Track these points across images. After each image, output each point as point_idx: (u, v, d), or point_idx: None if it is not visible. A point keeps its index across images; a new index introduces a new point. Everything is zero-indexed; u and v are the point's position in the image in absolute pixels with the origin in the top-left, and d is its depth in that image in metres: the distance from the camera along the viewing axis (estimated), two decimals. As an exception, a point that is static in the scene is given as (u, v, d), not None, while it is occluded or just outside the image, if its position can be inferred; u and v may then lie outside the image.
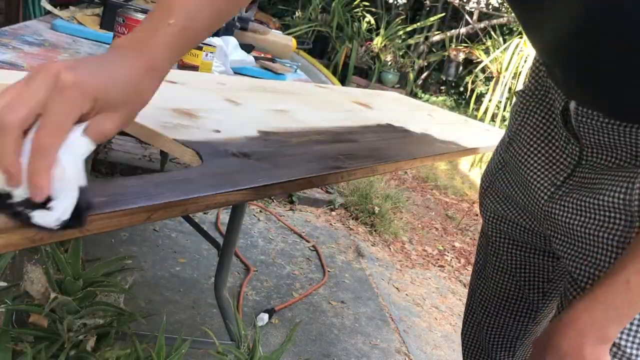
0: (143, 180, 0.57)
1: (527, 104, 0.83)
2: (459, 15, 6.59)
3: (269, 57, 1.87)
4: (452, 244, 3.26)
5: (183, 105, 0.92)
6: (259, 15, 4.47)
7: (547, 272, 0.91)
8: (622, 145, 0.68)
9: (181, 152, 0.72)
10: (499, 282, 0.96)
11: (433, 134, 1.35)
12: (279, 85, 1.45)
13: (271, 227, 2.69)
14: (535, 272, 0.92)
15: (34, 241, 0.42)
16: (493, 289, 0.98)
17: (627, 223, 0.67)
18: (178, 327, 1.74)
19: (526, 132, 0.82)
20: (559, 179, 0.77)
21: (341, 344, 1.95)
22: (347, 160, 0.90)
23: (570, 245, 0.75)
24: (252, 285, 2.13)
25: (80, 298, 0.76)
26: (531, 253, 0.91)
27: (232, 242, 1.64)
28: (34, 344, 0.76)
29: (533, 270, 0.92)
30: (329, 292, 2.27)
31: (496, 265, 0.96)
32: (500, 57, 5.23)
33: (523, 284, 0.94)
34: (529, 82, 0.84)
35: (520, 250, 0.92)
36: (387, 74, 6.12)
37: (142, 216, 0.51)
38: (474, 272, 1.02)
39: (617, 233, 0.68)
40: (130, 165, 2.71)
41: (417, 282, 2.65)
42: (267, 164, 0.75)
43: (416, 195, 3.92)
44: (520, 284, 0.94)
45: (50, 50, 1.18)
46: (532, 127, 0.82)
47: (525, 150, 0.82)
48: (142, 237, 2.20)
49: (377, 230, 3.03)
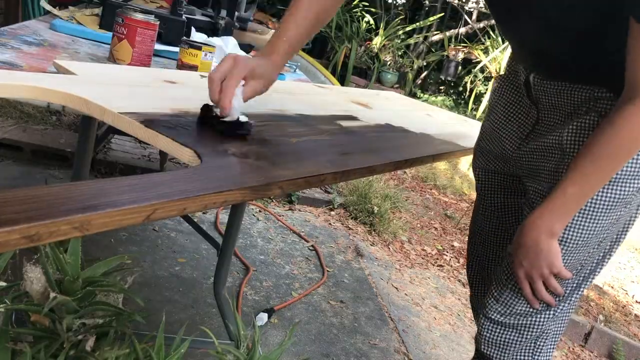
0: (142, 180, 0.57)
1: (502, 84, 1.17)
2: (458, 15, 6.59)
3: (268, 57, 1.87)
4: (451, 243, 3.26)
5: (183, 105, 0.92)
6: (257, 15, 4.46)
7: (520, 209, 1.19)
8: (562, 104, 1.01)
9: (180, 152, 0.73)
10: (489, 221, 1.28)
11: (432, 133, 1.35)
12: (278, 85, 1.45)
13: (270, 226, 2.69)
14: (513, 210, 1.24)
15: (32, 240, 0.42)
16: (486, 228, 1.29)
17: (559, 155, 1.01)
18: (177, 327, 1.74)
19: (500, 104, 1.16)
20: (523, 134, 1.11)
21: (340, 344, 1.96)
22: (346, 160, 0.90)
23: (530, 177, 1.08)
24: (252, 285, 2.13)
25: (79, 298, 0.76)
26: (508, 195, 1.23)
27: (231, 242, 1.64)
28: (33, 343, 0.76)
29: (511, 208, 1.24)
30: (328, 292, 2.27)
31: (485, 209, 1.28)
32: (499, 57, 5.24)
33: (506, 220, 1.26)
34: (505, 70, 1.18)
35: (501, 194, 1.24)
36: (386, 73, 6.12)
37: (141, 216, 0.51)
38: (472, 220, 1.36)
39: (554, 162, 1.02)
40: (129, 165, 2.70)
41: (416, 281, 2.65)
42: (266, 164, 0.75)
43: (415, 194, 3.92)
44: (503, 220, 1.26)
45: (49, 50, 1.18)
46: (504, 100, 1.16)
47: (499, 116, 1.16)
48: (142, 237, 2.20)
49: (376, 230, 3.03)
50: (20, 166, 2.49)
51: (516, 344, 1.11)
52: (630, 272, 3.71)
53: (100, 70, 1.07)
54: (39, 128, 2.77)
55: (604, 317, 2.87)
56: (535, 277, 1.03)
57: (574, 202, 0.95)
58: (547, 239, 0.98)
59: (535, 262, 1.01)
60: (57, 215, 0.45)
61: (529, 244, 1.00)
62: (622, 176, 0.97)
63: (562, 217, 0.97)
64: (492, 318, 1.11)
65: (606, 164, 0.92)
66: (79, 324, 0.77)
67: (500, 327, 1.10)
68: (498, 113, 1.17)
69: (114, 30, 1.23)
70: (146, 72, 1.15)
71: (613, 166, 0.92)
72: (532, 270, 1.02)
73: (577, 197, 0.95)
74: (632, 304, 3.20)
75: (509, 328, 1.09)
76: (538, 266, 1.01)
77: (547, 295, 1.04)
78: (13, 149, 2.54)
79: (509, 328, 1.09)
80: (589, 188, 0.94)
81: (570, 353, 2.49)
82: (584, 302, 2.98)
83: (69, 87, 0.83)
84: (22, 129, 2.69)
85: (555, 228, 0.98)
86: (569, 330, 2.60)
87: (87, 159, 1.46)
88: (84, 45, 1.35)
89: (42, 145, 2.57)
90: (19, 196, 0.47)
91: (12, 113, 2.82)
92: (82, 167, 1.46)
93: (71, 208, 0.47)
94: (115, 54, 1.24)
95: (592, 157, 0.92)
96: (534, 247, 0.99)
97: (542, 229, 0.98)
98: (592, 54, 0.94)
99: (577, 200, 0.96)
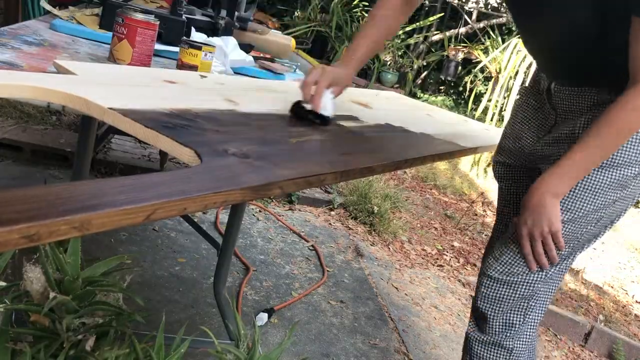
0: (142, 180, 0.57)
1: (526, 93, 1.37)
2: (458, 15, 6.59)
3: (268, 57, 1.87)
4: (451, 243, 3.26)
5: (183, 105, 0.92)
6: (258, 15, 4.46)
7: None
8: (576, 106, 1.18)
9: (180, 152, 0.73)
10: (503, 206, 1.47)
11: (432, 133, 1.35)
12: (278, 85, 1.45)
13: (270, 226, 2.69)
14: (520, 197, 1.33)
15: (32, 240, 0.42)
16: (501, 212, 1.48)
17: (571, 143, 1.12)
18: (177, 327, 1.74)
19: (522, 109, 1.35)
20: (541, 133, 1.29)
21: (340, 344, 1.96)
22: (346, 160, 0.90)
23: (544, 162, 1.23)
24: (252, 284, 2.13)
25: (79, 298, 0.76)
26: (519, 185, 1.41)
27: (231, 242, 1.65)
28: (33, 343, 0.76)
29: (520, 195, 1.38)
30: (328, 292, 2.27)
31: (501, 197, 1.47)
32: (499, 57, 5.24)
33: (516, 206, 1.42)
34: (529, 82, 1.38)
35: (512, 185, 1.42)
36: (386, 73, 6.12)
37: (141, 216, 0.51)
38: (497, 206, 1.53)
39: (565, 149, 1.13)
40: (129, 164, 2.70)
41: (416, 281, 2.65)
42: (266, 164, 0.75)
43: (415, 194, 3.92)
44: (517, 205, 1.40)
45: (49, 50, 1.18)
46: (527, 106, 1.34)
47: (521, 120, 1.34)
48: (142, 237, 2.20)
49: (376, 230, 3.03)
50: (20, 166, 2.49)
51: (509, 301, 1.24)
52: (630, 272, 3.71)
53: (100, 70, 1.07)
54: (39, 128, 2.77)
55: (604, 317, 2.87)
56: (536, 235, 1.15)
57: (579, 168, 1.09)
58: (551, 198, 1.11)
59: (537, 219, 1.13)
60: (57, 215, 0.45)
61: (534, 202, 1.13)
62: (623, 161, 1.12)
63: (567, 181, 1.11)
64: (490, 275, 1.24)
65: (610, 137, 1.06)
66: (79, 324, 0.77)
67: (496, 283, 1.24)
68: (520, 117, 1.35)
69: (114, 30, 1.23)
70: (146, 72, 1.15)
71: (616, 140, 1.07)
72: (534, 228, 1.14)
73: (582, 164, 1.09)
74: (632, 304, 3.20)
75: (503, 285, 1.23)
76: (539, 224, 1.13)
77: (543, 257, 1.17)
78: (13, 148, 2.54)
79: (503, 285, 1.23)
80: (594, 158, 1.08)
81: (570, 353, 2.49)
82: (584, 302, 2.98)
83: (69, 87, 0.83)
84: (22, 128, 2.69)
85: (560, 189, 1.11)
86: (569, 330, 2.60)
87: (87, 159, 1.46)
88: (84, 45, 1.35)
89: (42, 145, 2.57)
90: (19, 196, 0.47)
91: (12, 113, 2.82)
92: (82, 167, 1.46)
93: (71, 208, 0.47)
94: (115, 54, 1.24)
95: (599, 131, 1.06)
96: (539, 205, 1.12)
97: (549, 187, 1.11)
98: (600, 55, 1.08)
99: (583, 167, 1.09)
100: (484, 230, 3.61)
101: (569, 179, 1.11)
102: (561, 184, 1.11)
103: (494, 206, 4.22)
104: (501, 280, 1.23)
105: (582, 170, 1.10)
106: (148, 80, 1.06)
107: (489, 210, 4.07)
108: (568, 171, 1.10)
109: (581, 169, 1.10)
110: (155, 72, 1.17)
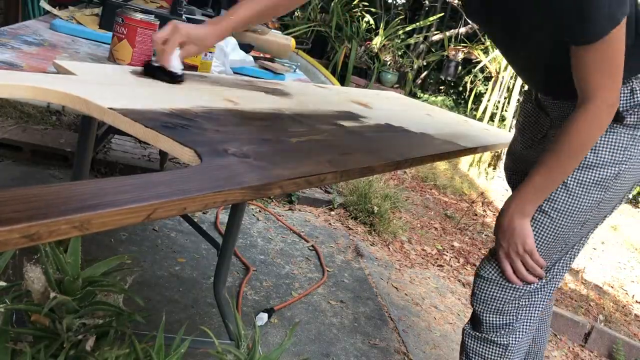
0: (142, 180, 0.57)
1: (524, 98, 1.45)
2: (458, 15, 6.59)
3: (268, 57, 1.87)
4: (451, 243, 3.26)
5: (183, 105, 0.92)
6: (258, 15, 4.45)
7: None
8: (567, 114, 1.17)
9: (180, 152, 0.73)
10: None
11: (432, 133, 1.35)
12: (278, 85, 1.45)
13: (270, 226, 2.69)
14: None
15: (32, 240, 0.42)
16: None
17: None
18: (177, 327, 1.74)
19: (522, 114, 1.44)
20: (537, 137, 1.38)
21: (340, 344, 1.96)
22: (346, 160, 0.90)
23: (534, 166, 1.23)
24: (252, 284, 2.13)
25: (79, 298, 0.76)
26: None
27: (231, 242, 1.65)
28: (33, 343, 0.76)
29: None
30: (328, 292, 2.27)
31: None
32: (499, 57, 5.23)
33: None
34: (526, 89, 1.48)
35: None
36: (386, 73, 6.12)
37: (141, 215, 0.51)
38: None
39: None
40: (129, 164, 2.70)
41: (416, 281, 2.65)
42: (266, 164, 0.75)
43: (415, 194, 3.92)
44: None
45: (49, 50, 1.18)
46: (525, 111, 1.43)
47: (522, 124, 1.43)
48: (142, 237, 2.20)
49: (376, 230, 3.03)
50: (20, 166, 2.49)
51: (500, 300, 1.27)
52: (630, 272, 3.71)
53: (100, 70, 1.07)
54: (39, 128, 2.77)
55: (604, 317, 2.87)
56: (513, 256, 1.20)
57: (541, 189, 1.16)
58: (519, 219, 1.18)
59: (510, 239, 1.19)
60: (57, 214, 0.45)
61: (505, 224, 1.20)
62: (600, 162, 1.16)
63: (532, 201, 1.17)
64: (482, 275, 1.28)
65: (564, 158, 1.13)
66: (79, 324, 0.77)
67: (487, 282, 1.27)
68: (520, 121, 1.44)
69: (114, 30, 1.23)
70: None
71: (570, 160, 1.14)
72: (509, 248, 1.20)
73: (543, 185, 1.16)
74: (632, 304, 3.20)
75: (494, 284, 1.27)
76: (514, 244, 1.19)
77: (526, 274, 1.21)
78: (13, 148, 2.54)
79: (494, 284, 1.27)
80: (552, 179, 1.15)
81: (570, 353, 2.49)
82: (584, 302, 2.98)
83: (69, 87, 0.83)
84: (22, 129, 2.69)
85: (527, 209, 1.18)
86: (569, 330, 2.60)
87: (87, 159, 1.46)
88: (84, 45, 1.35)
89: (42, 145, 2.57)
90: (19, 195, 0.47)
91: (12, 113, 2.82)
92: (82, 167, 1.46)
93: (71, 207, 0.47)
94: (115, 54, 1.24)
95: (554, 153, 1.13)
96: (509, 226, 1.19)
97: (515, 209, 1.18)
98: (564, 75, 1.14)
99: (544, 188, 1.16)
100: (483, 230, 3.61)
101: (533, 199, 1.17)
102: (527, 204, 1.18)
103: (494, 206, 4.22)
104: (492, 279, 1.27)
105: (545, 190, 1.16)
106: (148, 80, 1.06)
107: (489, 210, 4.07)
108: (531, 192, 1.17)
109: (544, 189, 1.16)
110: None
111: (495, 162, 4.89)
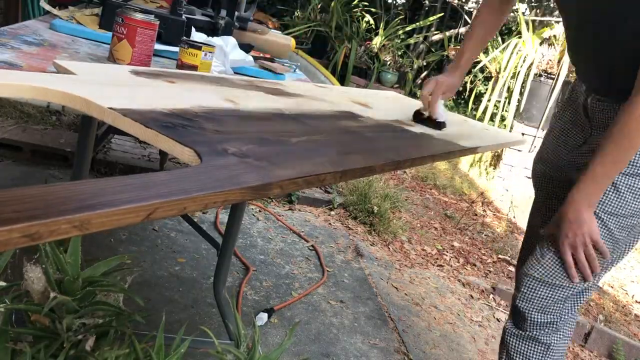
0: (142, 180, 0.57)
1: (562, 106, 1.51)
2: (458, 15, 6.59)
3: (268, 57, 1.87)
4: (451, 243, 3.26)
5: (183, 105, 0.92)
6: (257, 15, 4.46)
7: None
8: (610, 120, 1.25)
9: (180, 152, 0.73)
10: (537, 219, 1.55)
11: (432, 133, 1.35)
12: (278, 85, 1.45)
13: (270, 226, 2.69)
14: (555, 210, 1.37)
15: (32, 239, 0.42)
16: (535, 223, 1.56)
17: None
18: (177, 327, 1.74)
19: (560, 122, 1.48)
20: (577, 144, 1.41)
21: (340, 344, 1.96)
22: (346, 160, 0.90)
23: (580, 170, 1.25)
24: (251, 284, 2.13)
25: (79, 298, 0.76)
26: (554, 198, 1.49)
27: (231, 242, 1.65)
28: (33, 343, 0.77)
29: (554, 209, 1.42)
30: (328, 292, 2.27)
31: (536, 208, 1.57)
32: (499, 57, 5.23)
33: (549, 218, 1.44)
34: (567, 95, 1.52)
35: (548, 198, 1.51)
36: (386, 73, 6.12)
37: (141, 215, 0.51)
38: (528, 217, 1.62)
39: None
40: (129, 164, 2.71)
41: (416, 281, 2.65)
42: (266, 164, 0.75)
43: (415, 194, 3.92)
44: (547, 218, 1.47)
45: (49, 50, 1.18)
46: (564, 119, 1.47)
47: (558, 131, 1.47)
48: (142, 237, 2.20)
49: (376, 230, 3.03)
50: (20, 166, 2.49)
51: (548, 300, 1.30)
52: (630, 272, 3.71)
53: (100, 70, 1.07)
54: (39, 128, 2.77)
55: (604, 317, 2.87)
56: (579, 245, 1.22)
57: (602, 178, 1.18)
58: (587, 210, 1.20)
59: (578, 230, 1.21)
60: (57, 214, 0.45)
61: (572, 216, 1.21)
62: None
63: (595, 191, 1.20)
64: (532, 275, 1.30)
65: (623, 144, 1.15)
66: (79, 324, 0.77)
67: (537, 282, 1.29)
68: (557, 129, 1.48)
69: (114, 30, 1.23)
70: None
71: (629, 146, 1.15)
72: (576, 239, 1.21)
73: (604, 174, 1.18)
74: (632, 304, 3.20)
75: (544, 285, 1.29)
76: (581, 234, 1.21)
77: (586, 267, 1.23)
78: (13, 148, 2.54)
79: (544, 285, 1.29)
80: (613, 166, 1.17)
81: (570, 353, 2.49)
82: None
83: (69, 87, 0.83)
84: (22, 128, 2.69)
85: (592, 200, 1.20)
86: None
87: (87, 158, 1.46)
88: (84, 45, 1.35)
89: (42, 145, 2.58)
90: (19, 195, 0.47)
91: (12, 113, 2.82)
92: (82, 167, 1.46)
93: (71, 207, 0.47)
94: (115, 54, 1.24)
95: (612, 139, 1.15)
96: (577, 218, 1.20)
97: (582, 201, 1.20)
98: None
99: (605, 176, 1.18)
100: (483, 230, 3.61)
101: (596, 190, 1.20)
102: (592, 195, 1.20)
103: (494, 206, 4.22)
104: (542, 280, 1.29)
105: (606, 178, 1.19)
106: (148, 80, 1.06)
107: (489, 210, 4.07)
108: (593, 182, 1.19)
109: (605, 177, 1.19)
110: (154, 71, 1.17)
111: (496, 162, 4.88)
